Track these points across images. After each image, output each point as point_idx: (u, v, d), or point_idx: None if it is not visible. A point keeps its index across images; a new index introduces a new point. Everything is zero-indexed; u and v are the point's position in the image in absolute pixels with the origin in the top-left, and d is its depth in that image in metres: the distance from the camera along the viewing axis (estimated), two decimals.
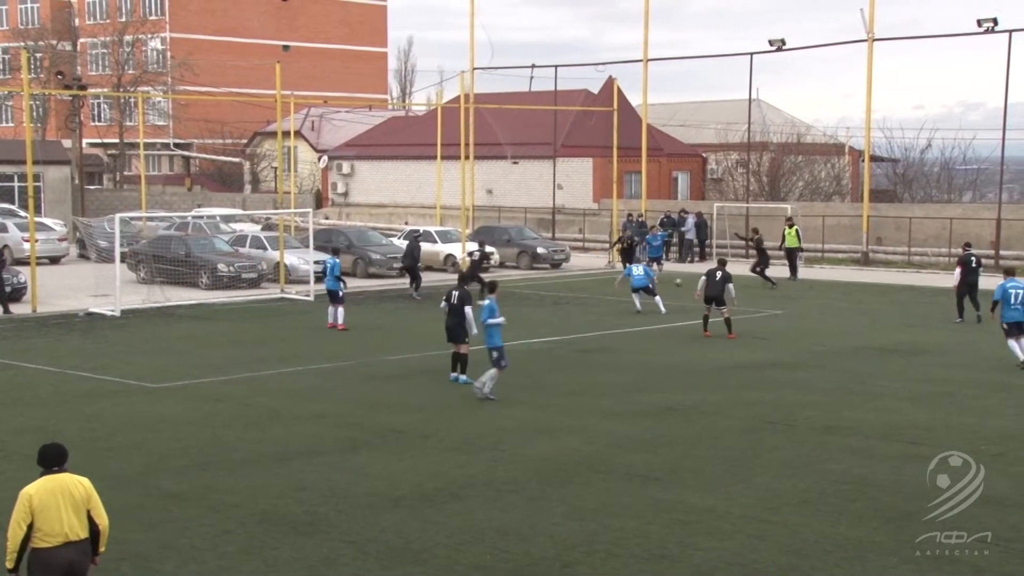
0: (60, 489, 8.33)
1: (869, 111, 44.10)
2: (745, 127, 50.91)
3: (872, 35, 41.64)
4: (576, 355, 22.67)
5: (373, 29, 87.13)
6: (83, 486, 8.45)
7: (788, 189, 55.40)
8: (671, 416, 16.75)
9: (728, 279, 24.68)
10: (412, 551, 10.82)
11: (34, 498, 8.26)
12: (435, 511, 12.01)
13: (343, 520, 11.75)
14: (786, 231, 38.42)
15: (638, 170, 48.43)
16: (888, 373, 20.37)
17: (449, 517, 11.80)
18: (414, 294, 31.95)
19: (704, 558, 10.58)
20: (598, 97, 53.19)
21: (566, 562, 10.50)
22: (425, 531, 11.36)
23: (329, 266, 26.63)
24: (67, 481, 8.42)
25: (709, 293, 24.75)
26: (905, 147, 58.82)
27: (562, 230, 51.64)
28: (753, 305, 30.27)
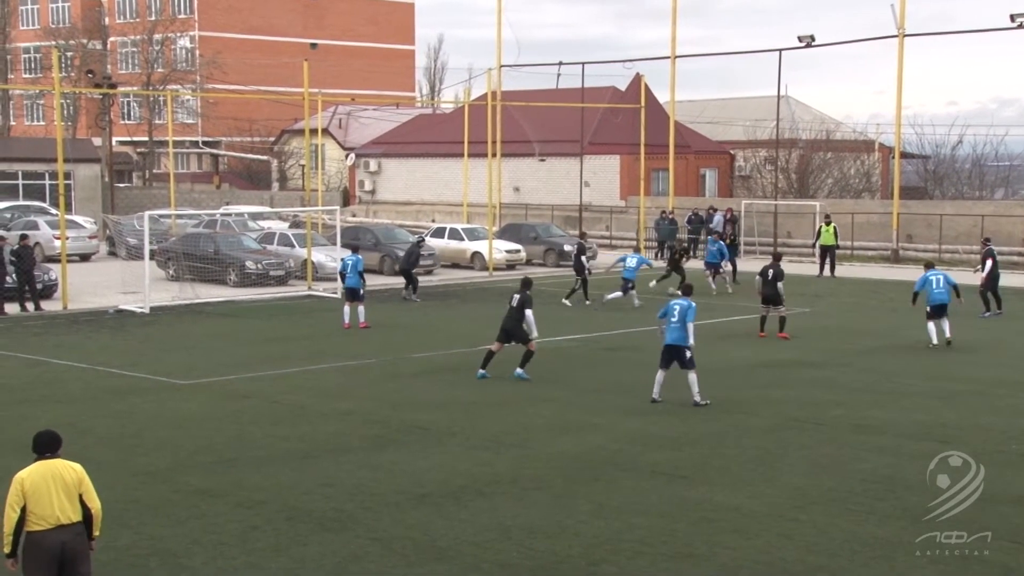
0: (51, 474, 8.56)
1: (899, 107, 43.89)
2: (773, 124, 50.65)
3: (903, 31, 41.32)
4: (602, 353, 22.63)
5: (401, 27, 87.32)
6: (75, 471, 8.66)
7: (817, 186, 55.10)
8: (697, 414, 16.69)
9: (780, 277, 24.03)
10: (437, 548, 10.84)
11: (25, 482, 8.52)
12: (461, 508, 12.02)
13: (369, 517, 11.78)
14: (823, 228, 38.13)
15: (665, 167, 48.30)
16: (917, 371, 20.22)
17: (475, 515, 11.81)
18: (412, 296, 30.96)
19: (730, 556, 10.54)
20: (625, 94, 53.08)
21: (592, 560, 10.48)
22: (450, 528, 11.37)
23: (351, 263, 26.07)
24: (58, 466, 8.64)
25: (766, 292, 24.10)
26: (936, 144, 58.40)
27: (589, 228, 51.53)
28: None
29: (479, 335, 24.46)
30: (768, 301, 24.06)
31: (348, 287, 25.95)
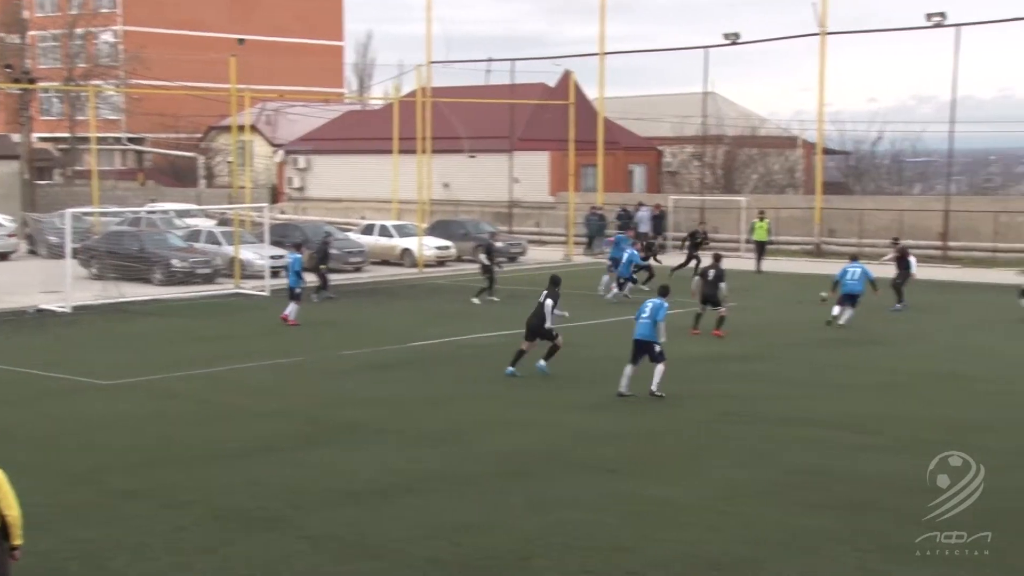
0: None
1: (821, 104, 44.56)
2: (700, 120, 51.16)
3: (824, 29, 41.95)
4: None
5: (329, 23, 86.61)
6: None
7: (743, 182, 55.73)
8: (631, 409, 16.78)
9: (721, 277, 24.17)
10: (368, 546, 10.77)
11: None
12: (392, 506, 11.96)
13: (298, 516, 11.66)
14: (756, 224, 38.52)
15: (594, 163, 48.50)
16: (844, 364, 20.53)
17: (405, 512, 11.75)
18: (318, 296, 29.58)
19: (661, 549, 10.60)
20: (555, 91, 53.19)
21: (523, 555, 10.48)
22: (381, 526, 11.30)
23: (290, 262, 26.42)
24: None
25: (706, 292, 24.16)
26: (857, 140, 59.39)
27: (519, 224, 51.61)
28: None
29: (410, 332, 24.39)
30: (707, 301, 24.21)
31: (289, 286, 26.09)
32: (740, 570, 10.10)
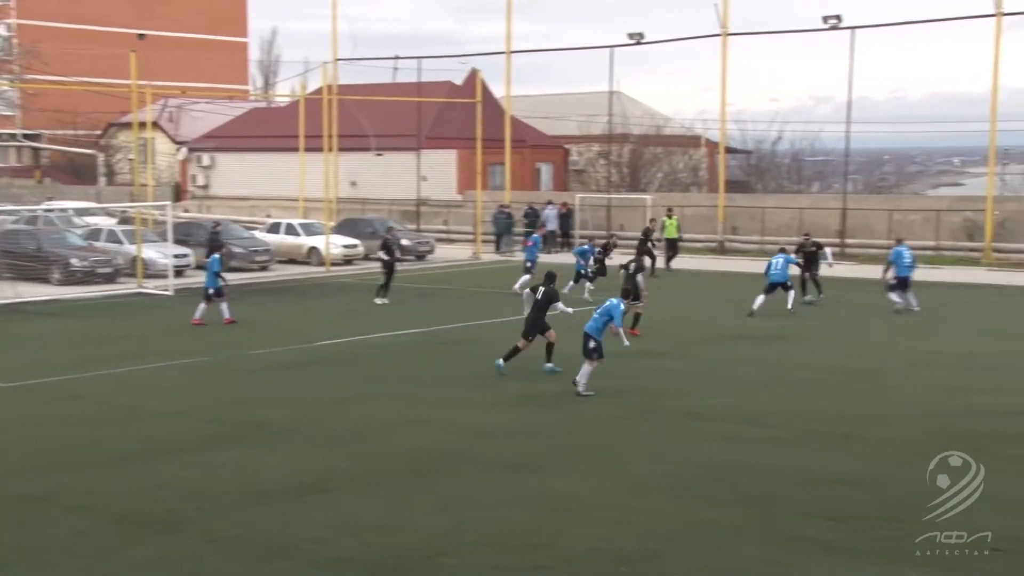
0: None
1: (724, 104, 45.24)
2: (606, 119, 51.62)
3: (726, 30, 42.63)
4: (441, 347, 22.66)
5: (233, 18, 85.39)
6: None
7: (648, 180, 56.39)
8: (537, 406, 16.89)
9: (640, 269, 24.38)
10: (276, 546, 10.68)
11: None
12: (300, 505, 11.88)
13: (204, 518, 11.52)
14: (667, 221, 38.88)
15: (502, 162, 48.65)
16: (748, 360, 20.91)
17: (314, 511, 11.68)
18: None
19: (570, 545, 10.70)
20: (462, 89, 53.21)
21: (431, 553, 10.50)
22: (289, 526, 11.22)
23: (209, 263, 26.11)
24: None
25: (625, 286, 23.99)
26: (758, 139, 60.51)
27: (427, 222, 51.53)
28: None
29: (317, 331, 24.22)
30: (626, 296, 24.24)
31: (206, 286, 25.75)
32: (647, 563, 10.25)
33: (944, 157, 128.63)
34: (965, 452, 13.91)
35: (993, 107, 39.37)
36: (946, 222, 41.04)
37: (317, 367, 20.31)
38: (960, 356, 21.27)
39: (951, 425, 15.48)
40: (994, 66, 38.81)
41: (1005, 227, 39.67)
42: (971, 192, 59.90)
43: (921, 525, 11.05)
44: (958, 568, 10.02)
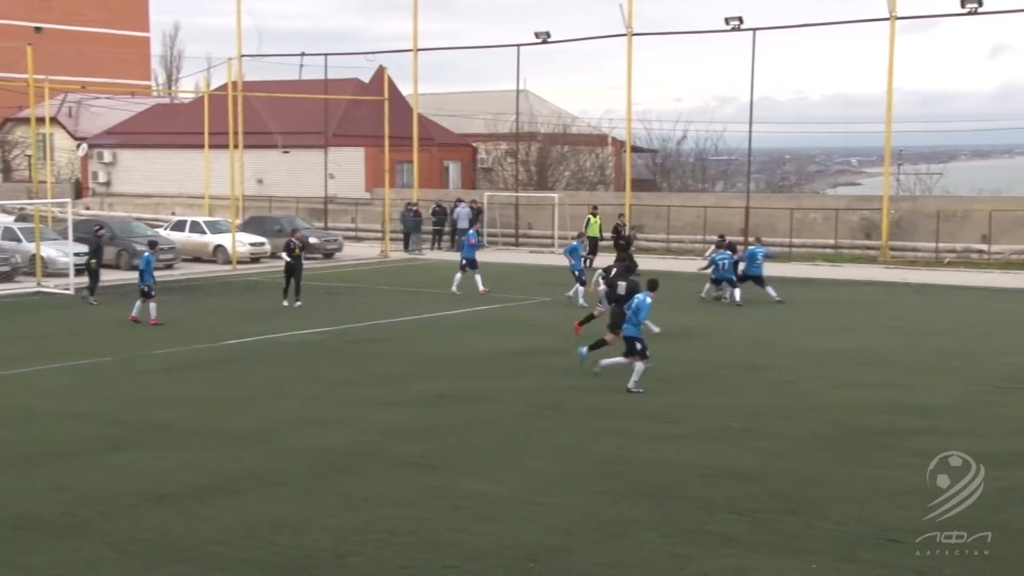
0: None
1: (630, 104, 45.75)
2: (513, 118, 51.83)
3: (631, 30, 43.12)
4: (349, 345, 22.59)
5: (134, 12, 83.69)
6: None
7: (555, 179, 56.77)
8: (444, 404, 16.95)
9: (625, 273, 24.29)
10: (179, 549, 10.58)
11: None
12: (204, 507, 11.77)
13: (105, 521, 11.35)
14: (591, 220, 38.97)
15: (409, 160, 48.56)
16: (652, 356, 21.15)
17: (219, 513, 11.59)
18: (89, 298, 28.17)
19: (476, 542, 10.78)
20: (369, 86, 52.96)
21: (339, 553, 10.49)
22: (193, 528, 11.11)
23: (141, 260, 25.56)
24: None
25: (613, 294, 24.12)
26: (663, 138, 61.31)
27: (335, 220, 51.23)
28: (522, 293, 30.94)
29: (224, 330, 23.95)
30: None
31: None
32: (555, 559, 10.37)
33: (842, 157, 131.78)
34: (858, 445, 14.36)
35: (888, 109, 40.46)
36: (845, 221, 42.05)
37: (224, 367, 20.11)
38: (854, 352, 21.86)
39: (846, 419, 15.92)
40: (889, 69, 39.88)
41: (900, 226, 40.82)
42: (868, 192, 61.46)
43: (817, 517, 11.37)
44: (854, 559, 10.32)
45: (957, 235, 39.93)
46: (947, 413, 16.36)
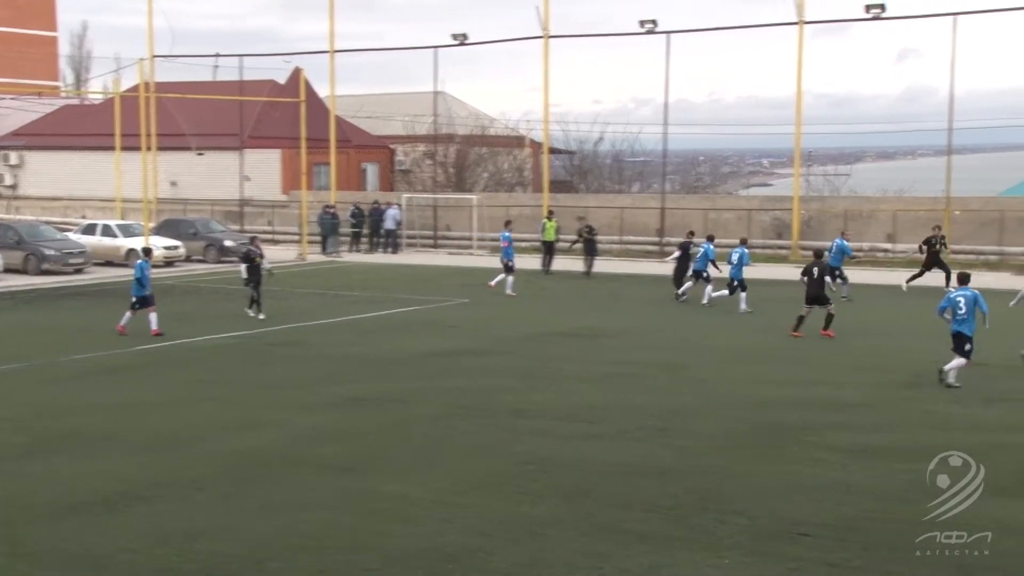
0: None
1: (547, 105, 46.12)
2: (431, 119, 51.81)
3: (547, 32, 43.38)
4: (267, 349, 22.40)
5: (40, 11, 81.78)
6: None
7: (474, 180, 56.87)
8: (365, 406, 16.90)
9: (825, 272, 24.01)
10: (92, 558, 10.41)
11: None
12: (118, 516, 11.60)
13: (15, 531, 11.12)
14: (546, 223, 38.87)
15: (327, 161, 48.29)
16: (572, 357, 21.38)
17: (133, 521, 11.43)
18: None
19: (396, 545, 10.78)
20: (285, 88, 52.55)
21: (257, 559, 10.42)
22: (107, 537, 10.94)
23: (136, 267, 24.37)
24: None
25: (812, 292, 23.67)
26: (581, 140, 61.77)
27: (251, 222, 50.73)
28: (441, 294, 30.96)
29: (138, 335, 23.54)
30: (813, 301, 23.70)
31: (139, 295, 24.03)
32: (474, 560, 10.41)
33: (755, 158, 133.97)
34: (773, 442, 14.64)
35: (798, 111, 41.25)
36: (757, 221, 42.76)
37: (139, 372, 19.82)
38: (768, 350, 22.27)
39: (760, 416, 16.21)
40: (798, 72, 40.67)
41: (810, 226, 41.65)
42: (779, 192, 62.51)
43: (732, 513, 11.58)
44: (766, 554, 10.52)
45: (863, 234, 40.85)
46: (858, 409, 16.74)
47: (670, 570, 10.09)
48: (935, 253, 31.46)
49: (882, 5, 38.85)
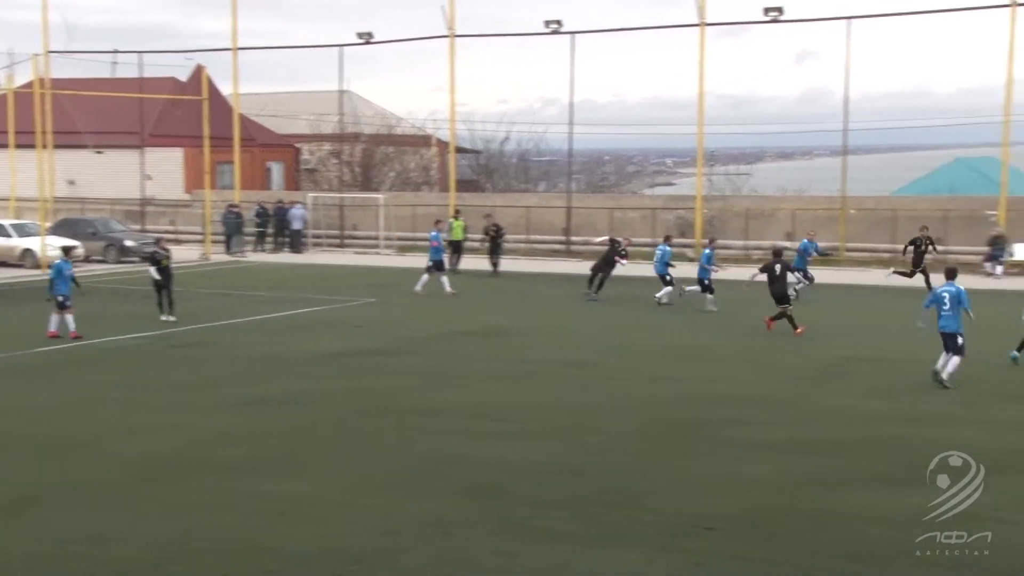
0: None
1: (453, 105, 46.12)
2: (337, 118, 51.48)
3: (453, 31, 43.38)
4: (171, 350, 22.03)
5: None
6: None
7: (380, 180, 56.62)
8: (270, 407, 16.71)
9: (787, 269, 24.14)
10: None
11: None
12: (15, 522, 11.30)
13: None
14: (454, 223, 38.68)
15: (230, 160, 47.66)
16: (480, 356, 21.40)
17: (34, 525, 11.15)
18: None
19: (301, 546, 10.68)
20: (187, 86, 51.71)
21: (158, 562, 10.24)
22: (6, 542, 10.65)
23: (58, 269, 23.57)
24: None
25: (778, 290, 23.80)
26: (487, 139, 61.93)
27: (152, 222, 49.85)
28: (347, 294, 30.78)
29: (37, 336, 22.96)
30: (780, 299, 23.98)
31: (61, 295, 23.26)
32: (380, 560, 10.37)
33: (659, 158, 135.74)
34: (680, 438, 14.85)
35: (700, 111, 41.88)
36: (661, 220, 43.29)
37: (40, 374, 19.34)
38: (674, 347, 22.58)
39: (667, 413, 16.41)
40: (700, 73, 41.28)
41: (713, 225, 42.29)
42: (683, 191, 63.43)
43: (639, 509, 11.71)
44: (672, 549, 10.67)
45: (764, 233, 41.63)
46: (762, 404, 17.04)
47: (579, 567, 10.17)
48: (921, 254, 31.91)
49: (780, 8, 39.64)
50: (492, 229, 37.54)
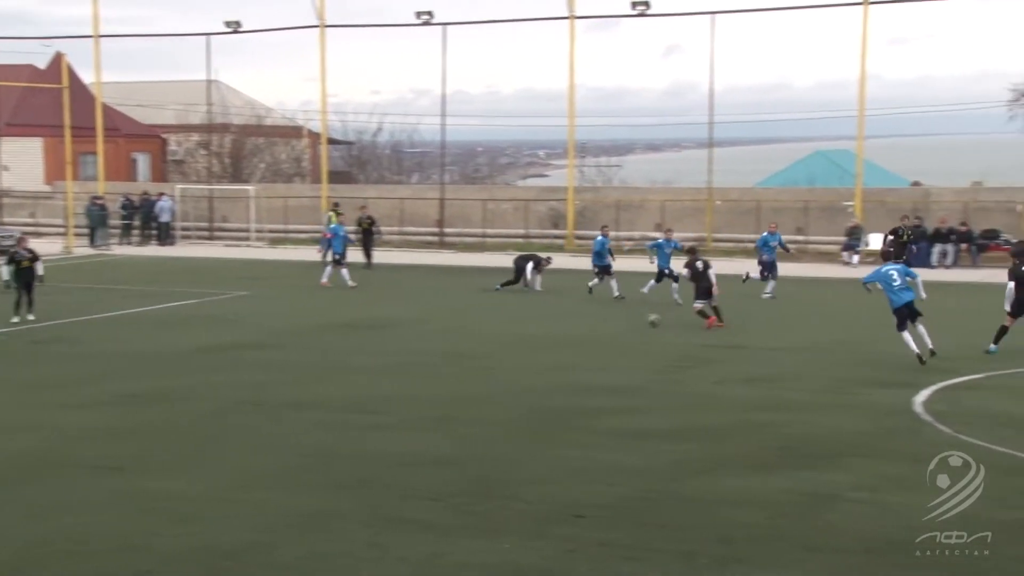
0: None
1: (324, 95, 45.67)
2: (205, 108, 50.52)
3: (323, 22, 42.99)
4: (32, 347, 21.39)
5: None
6: None
7: (250, 171, 55.79)
8: (136, 404, 16.37)
9: (708, 265, 23.95)
10: None
11: None
12: None
13: None
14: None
15: (94, 151, 46.39)
16: (354, 348, 21.31)
17: None
18: None
19: (173, 544, 10.51)
20: (46, 73, 50.10)
21: (18, 567, 9.96)
22: None
23: None
24: None
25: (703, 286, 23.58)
26: (360, 130, 61.56)
27: (10, 214, 48.19)
28: (219, 287, 30.30)
29: None
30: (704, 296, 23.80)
31: None
32: (254, 555, 10.27)
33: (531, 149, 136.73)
34: (551, 427, 15.05)
35: (571, 104, 42.36)
36: (534, 211, 43.67)
37: None
38: (545, 337, 22.81)
39: (540, 402, 16.59)
40: (570, 65, 41.74)
41: (584, 215, 42.86)
42: (555, 183, 64.01)
43: (511, 498, 11.84)
44: (545, 536, 10.83)
45: (635, 224, 42.35)
46: (631, 392, 17.36)
47: (451, 558, 10.23)
48: (902, 244, 32.49)
49: (647, 2, 40.30)
50: (366, 221, 37.33)
